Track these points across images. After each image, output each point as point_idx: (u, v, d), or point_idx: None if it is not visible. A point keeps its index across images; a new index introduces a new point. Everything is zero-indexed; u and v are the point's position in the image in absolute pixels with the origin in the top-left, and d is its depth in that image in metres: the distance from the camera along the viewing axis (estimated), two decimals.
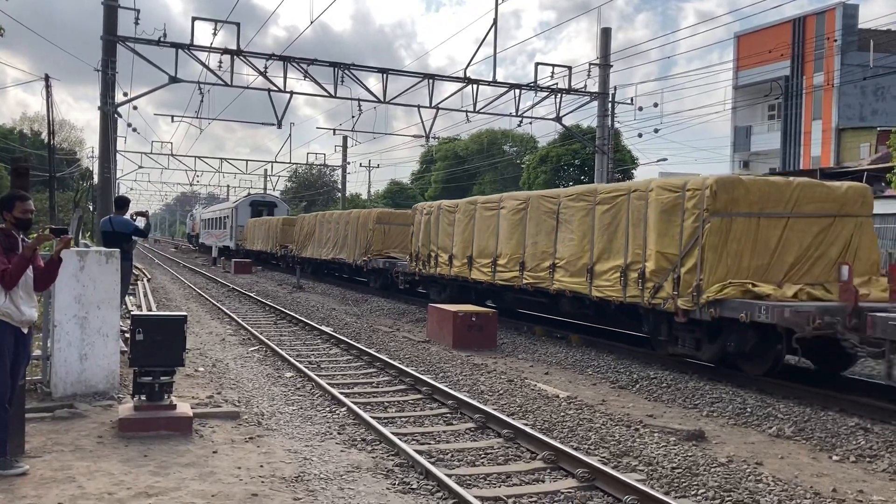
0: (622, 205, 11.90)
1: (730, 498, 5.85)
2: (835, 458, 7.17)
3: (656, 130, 31.67)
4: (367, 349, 12.37)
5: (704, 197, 10.32)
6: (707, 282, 10.14)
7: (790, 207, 10.61)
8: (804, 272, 10.56)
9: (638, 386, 10.32)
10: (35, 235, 5.86)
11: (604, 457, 6.85)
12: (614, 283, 11.90)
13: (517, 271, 14.83)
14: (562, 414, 8.47)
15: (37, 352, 8.15)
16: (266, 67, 23.36)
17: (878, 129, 36.36)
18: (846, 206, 10.90)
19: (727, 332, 10.25)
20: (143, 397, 7.06)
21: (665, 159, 63.02)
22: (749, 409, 8.84)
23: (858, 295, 8.88)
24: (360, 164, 60.71)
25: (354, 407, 8.28)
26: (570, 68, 26.11)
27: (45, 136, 50.46)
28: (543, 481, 6.22)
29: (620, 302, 11.82)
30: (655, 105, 29.59)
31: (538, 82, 25.87)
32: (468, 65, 25.29)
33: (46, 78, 35.28)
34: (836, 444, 7.53)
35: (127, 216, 12.06)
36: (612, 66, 26.82)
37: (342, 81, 24.09)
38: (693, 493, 5.98)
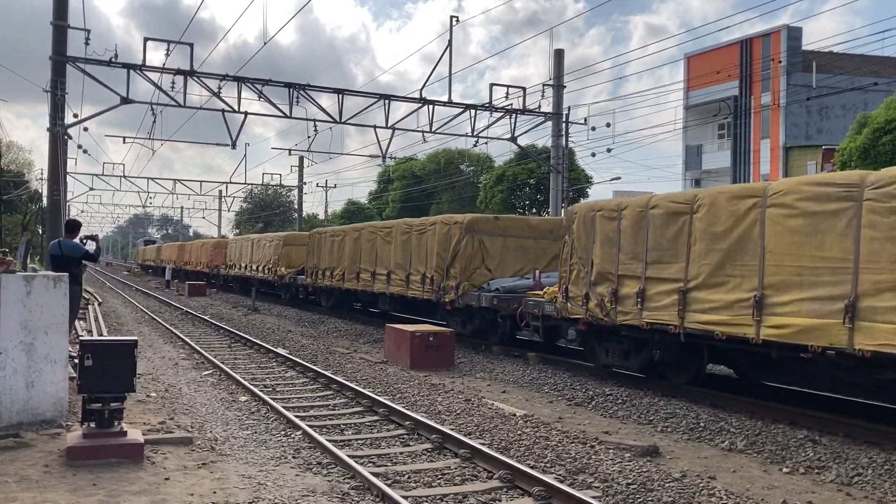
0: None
1: None
2: (785, 470, 7.31)
3: (609, 150, 32.05)
4: (323, 371, 12.27)
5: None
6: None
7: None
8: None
9: (594, 403, 10.41)
10: None
11: (560, 474, 6.89)
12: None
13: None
14: (518, 432, 8.50)
15: None
16: (220, 88, 23.19)
17: (823, 147, 37.41)
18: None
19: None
20: (93, 424, 6.91)
21: (619, 178, 63.88)
22: (702, 424, 8.97)
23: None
24: (317, 185, 60.31)
25: (310, 430, 8.21)
26: (524, 89, 26.41)
27: None
28: (500, 500, 6.23)
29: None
30: (608, 125, 29.99)
31: (493, 103, 26.09)
32: (423, 86, 25.31)
33: None
34: (786, 456, 7.68)
35: (77, 240, 11.81)
36: (565, 86, 27.22)
37: (297, 102, 24.03)
38: None
